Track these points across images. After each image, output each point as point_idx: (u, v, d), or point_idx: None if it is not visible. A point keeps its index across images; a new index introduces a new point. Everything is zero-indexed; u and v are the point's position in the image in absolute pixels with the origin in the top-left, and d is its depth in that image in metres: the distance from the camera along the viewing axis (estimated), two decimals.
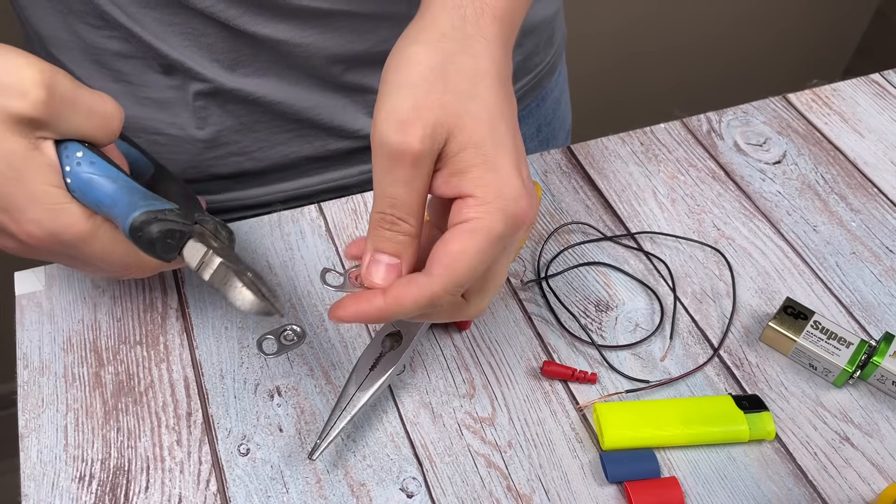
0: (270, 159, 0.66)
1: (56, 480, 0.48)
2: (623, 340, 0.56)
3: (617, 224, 0.63)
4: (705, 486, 0.49)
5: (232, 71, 0.60)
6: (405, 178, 0.39)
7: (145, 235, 0.43)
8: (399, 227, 0.41)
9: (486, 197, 0.40)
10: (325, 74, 0.62)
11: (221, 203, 0.68)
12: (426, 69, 0.40)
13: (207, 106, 0.62)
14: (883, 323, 0.57)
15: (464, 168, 0.40)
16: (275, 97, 0.62)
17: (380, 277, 0.42)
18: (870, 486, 0.49)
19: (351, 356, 0.54)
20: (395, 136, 0.39)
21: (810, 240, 0.62)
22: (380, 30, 0.61)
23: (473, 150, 0.40)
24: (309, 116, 0.64)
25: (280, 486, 0.48)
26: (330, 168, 0.69)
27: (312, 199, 0.70)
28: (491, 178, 0.40)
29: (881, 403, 0.53)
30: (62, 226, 0.43)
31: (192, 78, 0.60)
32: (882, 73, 0.76)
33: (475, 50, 0.41)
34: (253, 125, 0.63)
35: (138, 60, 0.60)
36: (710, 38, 1.70)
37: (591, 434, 0.51)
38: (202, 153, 0.64)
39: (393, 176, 0.39)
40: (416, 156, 0.39)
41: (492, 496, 0.48)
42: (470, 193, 0.40)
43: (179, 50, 0.58)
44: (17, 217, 0.43)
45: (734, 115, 0.71)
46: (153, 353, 0.54)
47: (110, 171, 0.44)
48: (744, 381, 0.54)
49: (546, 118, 0.79)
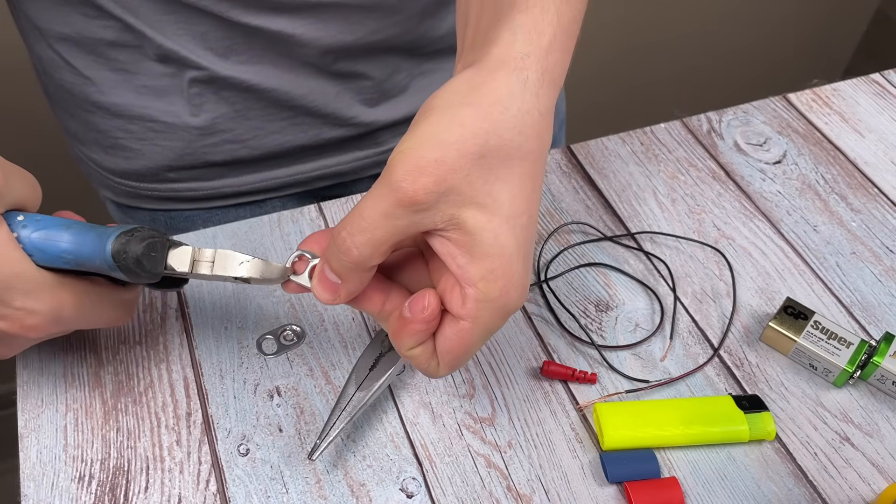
0: (265, 147, 0.67)
1: (56, 480, 0.48)
2: (623, 341, 0.56)
3: (617, 224, 0.63)
4: (705, 487, 0.49)
5: (226, 59, 0.60)
6: (386, 211, 0.36)
7: (130, 255, 0.42)
8: (347, 253, 0.38)
9: (490, 294, 0.38)
10: (317, 62, 0.62)
11: (216, 190, 0.69)
12: (468, 134, 0.37)
13: (202, 93, 0.62)
14: (883, 323, 0.57)
15: (477, 252, 0.37)
16: (269, 84, 0.62)
17: (319, 291, 0.40)
18: (870, 486, 0.49)
19: (351, 356, 0.54)
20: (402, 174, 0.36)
21: (810, 240, 0.62)
22: (369, 21, 0.61)
23: (491, 236, 0.37)
24: (303, 104, 0.64)
25: (280, 486, 0.48)
26: (324, 155, 0.69)
27: (307, 186, 0.70)
28: (502, 272, 0.38)
29: (881, 403, 0.53)
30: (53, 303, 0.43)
31: (186, 66, 0.60)
32: (882, 72, 0.76)
33: (525, 128, 0.38)
34: (247, 112, 0.64)
35: (133, 49, 0.60)
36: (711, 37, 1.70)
37: (591, 434, 0.51)
38: (197, 140, 0.65)
39: (376, 202, 0.37)
40: (412, 201, 0.36)
41: (492, 496, 0.48)
42: (474, 284, 0.38)
43: (174, 39, 0.59)
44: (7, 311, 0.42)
45: (734, 114, 0.71)
46: (153, 353, 0.54)
47: (58, 220, 0.43)
48: (744, 381, 0.54)
49: None
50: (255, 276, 0.43)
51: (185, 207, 0.70)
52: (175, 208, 0.70)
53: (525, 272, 0.39)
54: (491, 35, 0.39)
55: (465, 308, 0.38)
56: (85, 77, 0.63)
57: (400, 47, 0.64)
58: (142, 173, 0.67)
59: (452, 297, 0.39)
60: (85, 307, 0.45)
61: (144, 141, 0.65)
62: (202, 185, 0.68)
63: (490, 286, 0.37)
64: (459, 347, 0.39)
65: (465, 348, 0.39)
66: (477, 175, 0.37)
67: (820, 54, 1.88)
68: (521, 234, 0.38)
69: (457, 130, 0.37)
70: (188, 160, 0.66)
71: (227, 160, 0.67)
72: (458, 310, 0.38)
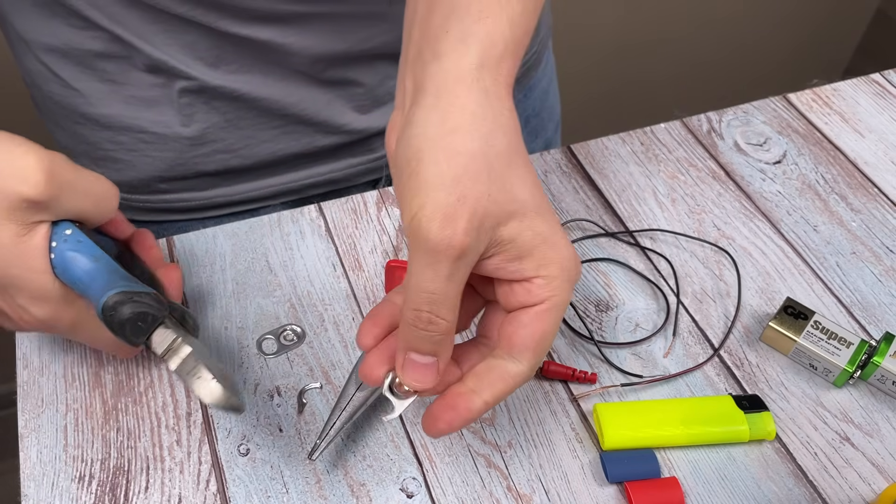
0: (257, 156, 0.66)
1: (56, 480, 0.48)
2: (623, 340, 0.56)
3: (617, 224, 0.63)
4: (705, 486, 0.49)
5: (215, 68, 0.60)
6: (447, 273, 0.37)
7: (117, 316, 0.43)
8: (437, 325, 0.38)
9: (552, 273, 0.39)
10: (308, 71, 0.62)
11: (208, 200, 0.68)
12: (468, 158, 0.37)
13: (193, 103, 0.62)
14: (883, 323, 0.57)
15: (524, 253, 0.39)
16: (259, 93, 0.62)
17: (418, 381, 0.40)
18: (870, 486, 0.49)
19: (351, 356, 0.54)
20: (439, 231, 0.36)
21: (810, 240, 0.62)
22: (359, 29, 0.61)
23: (530, 233, 0.38)
24: (294, 112, 0.64)
25: (280, 486, 0.48)
26: (317, 163, 0.69)
27: (300, 194, 0.70)
28: (552, 255, 0.39)
29: (881, 403, 0.53)
30: (52, 315, 0.45)
31: (176, 76, 0.60)
32: (882, 72, 0.76)
33: (505, 126, 0.39)
34: (238, 122, 0.64)
35: (122, 60, 0.60)
36: (711, 37, 1.70)
37: (591, 434, 0.51)
38: (188, 150, 0.64)
39: (435, 271, 0.37)
40: (461, 250, 0.36)
41: (492, 496, 0.48)
42: (536, 275, 0.39)
43: (162, 49, 0.58)
44: (10, 303, 0.45)
45: (734, 115, 0.71)
46: (153, 353, 0.54)
47: (95, 250, 0.45)
48: (744, 381, 0.54)
49: (534, 109, 0.79)
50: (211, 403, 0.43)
51: (177, 218, 0.70)
52: (167, 219, 0.70)
53: (566, 242, 0.40)
54: (442, 46, 0.39)
55: (534, 295, 0.39)
56: (73, 89, 0.62)
57: (391, 54, 0.64)
58: (133, 185, 0.67)
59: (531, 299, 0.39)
60: (79, 330, 0.47)
61: (135, 152, 0.65)
62: (194, 195, 0.68)
63: (547, 269, 0.39)
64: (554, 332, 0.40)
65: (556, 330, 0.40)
66: (495, 190, 0.37)
67: (820, 54, 1.88)
68: (551, 217, 0.40)
69: (459, 161, 0.37)
70: (179, 171, 0.66)
71: (218, 170, 0.66)
72: (527, 299, 0.39)
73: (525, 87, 0.76)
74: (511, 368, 0.40)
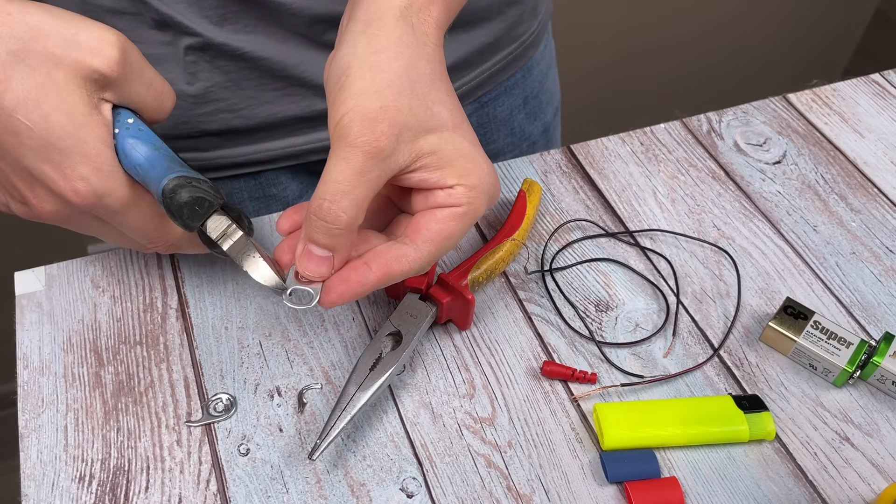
0: (258, 117, 0.67)
1: (56, 480, 0.48)
2: (623, 340, 0.56)
3: (617, 224, 0.63)
4: (705, 486, 0.49)
5: (220, 26, 0.61)
6: (359, 168, 0.40)
7: (176, 199, 0.45)
8: (337, 218, 0.41)
9: (472, 183, 0.44)
10: (309, 33, 0.63)
11: (212, 161, 0.69)
12: (392, 75, 0.42)
13: (197, 61, 0.63)
14: (883, 323, 0.57)
15: (445, 164, 0.43)
16: (262, 53, 0.63)
17: (312, 272, 0.43)
18: (870, 486, 0.49)
19: (351, 356, 0.54)
20: (359, 130, 0.40)
21: (810, 240, 0.62)
22: None
23: (450, 146, 0.43)
24: (295, 74, 0.65)
25: (280, 486, 0.48)
26: (317, 128, 0.69)
27: (300, 159, 0.71)
28: (472, 167, 0.44)
29: (881, 403, 0.53)
30: (109, 188, 0.45)
31: (182, 32, 0.61)
32: (882, 73, 0.76)
33: (429, 55, 0.44)
34: (241, 81, 0.64)
35: (132, 17, 0.61)
36: (711, 38, 1.71)
37: (591, 434, 0.51)
38: (192, 109, 0.65)
39: (347, 163, 0.40)
40: (377, 149, 0.40)
41: (492, 496, 0.48)
42: (455, 183, 0.43)
43: (170, 4, 0.59)
44: (66, 172, 0.44)
45: (734, 115, 0.71)
46: (153, 353, 0.54)
47: (155, 139, 0.47)
48: (744, 381, 0.54)
49: (532, 90, 0.80)
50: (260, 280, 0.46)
51: None
52: None
53: (485, 159, 0.45)
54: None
55: (453, 198, 0.44)
56: None
57: None
58: None
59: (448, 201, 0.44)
60: (125, 212, 0.47)
61: None
62: (198, 155, 0.69)
63: (468, 179, 0.44)
64: (460, 234, 0.44)
65: (462, 234, 0.45)
66: (416, 106, 0.42)
67: (820, 54, 1.88)
68: (471, 136, 0.45)
69: (383, 76, 0.41)
70: (184, 129, 0.67)
71: (221, 129, 0.67)
72: (446, 201, 0.44)
73: (523, 66, 0.77)
74: (410, 253, 0.44)
